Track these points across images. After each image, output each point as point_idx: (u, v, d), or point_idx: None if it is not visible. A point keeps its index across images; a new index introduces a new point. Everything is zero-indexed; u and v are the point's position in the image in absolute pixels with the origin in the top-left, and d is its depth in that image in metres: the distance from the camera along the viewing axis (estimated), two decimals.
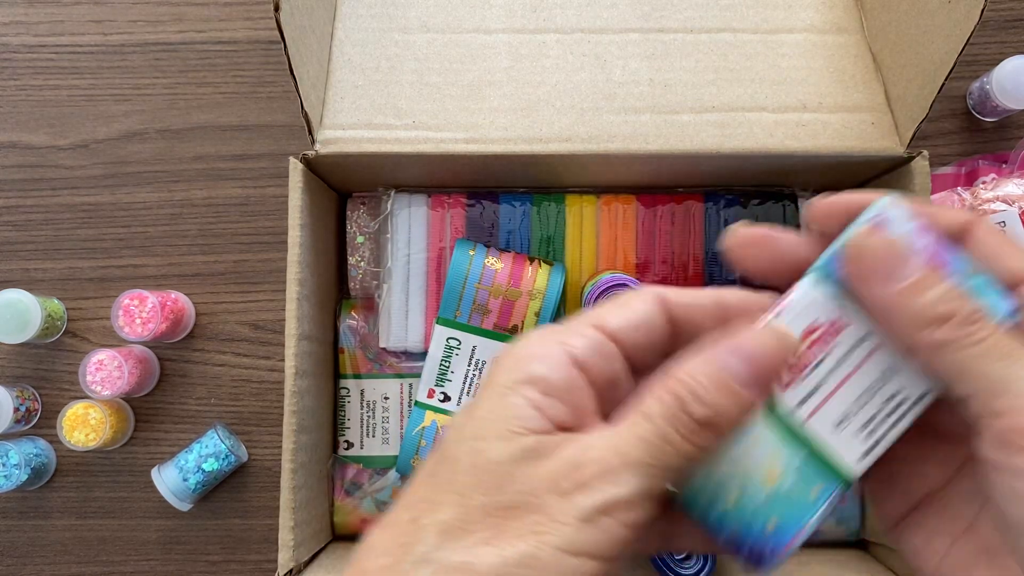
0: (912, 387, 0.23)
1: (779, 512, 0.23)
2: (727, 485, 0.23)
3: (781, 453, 0.23)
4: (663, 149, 0.45)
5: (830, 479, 0.23)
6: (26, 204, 0.60)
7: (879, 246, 0.22)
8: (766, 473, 0.23)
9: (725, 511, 0.23)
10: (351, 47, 0.48)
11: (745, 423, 0.22)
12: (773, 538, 0.22)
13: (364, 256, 0.53)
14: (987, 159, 0.57)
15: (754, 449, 0.23)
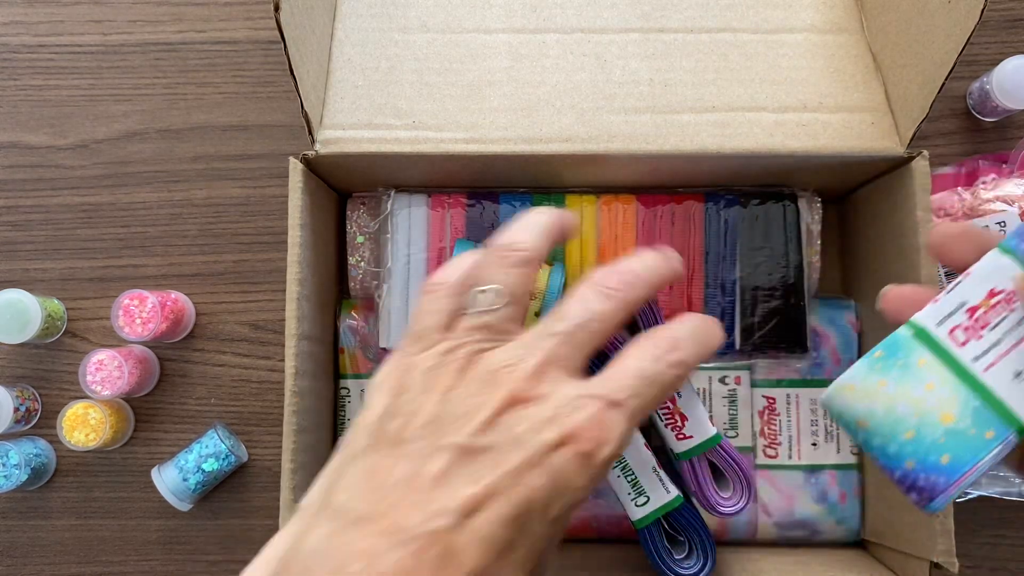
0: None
1: (953, 448, 0.25)
2: (906, 421, 0.25)
3: (959, 396, 0.26)
4: (663, 149, 0.45)
5: (1005, 424, 0.25)
6: (26, 204, 0.60)
7: None
8: (944, 412, 0.25)
9: (902, 445, 0.25)
10: (351, 47, 0.48)
11: (926, 367, 0.26)
12: (947, 472, 0.25)
13: (364, 256, 0.53)
14: (987, 159, 0.57)
15: (934, 391, 0.26)
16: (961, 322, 0.27)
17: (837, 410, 0.27)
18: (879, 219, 0.49)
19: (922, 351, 0.26)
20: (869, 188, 0.51)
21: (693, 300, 0.51)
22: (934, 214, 0.52)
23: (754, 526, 0.51)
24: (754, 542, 0.52)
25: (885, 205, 0.48)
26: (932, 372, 0.26)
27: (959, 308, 0.27)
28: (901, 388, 0.26)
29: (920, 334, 0.27)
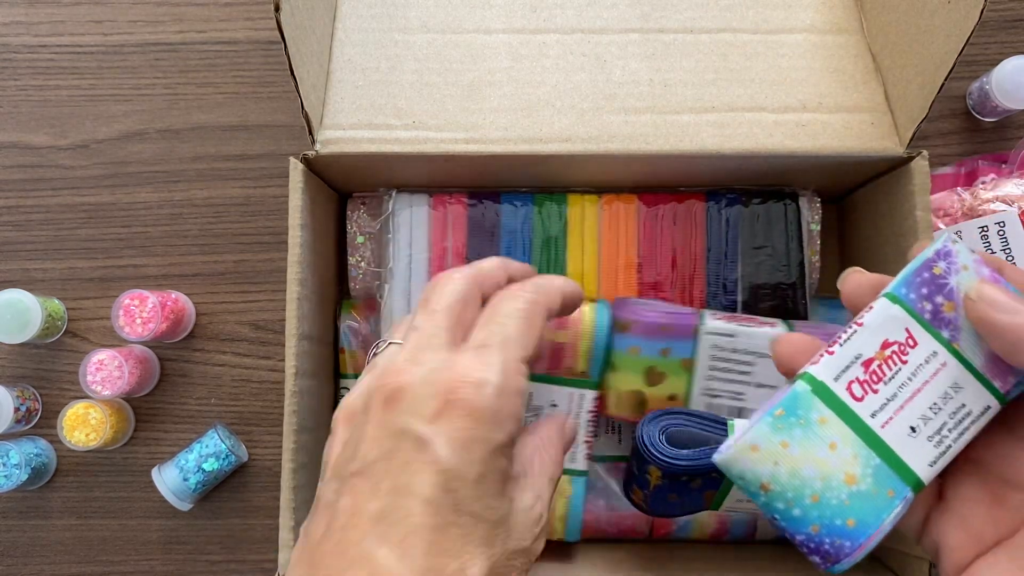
0: (976, 402, 0.26)
1: (858, 511, 0.25)
2: (811, 484, 0.25)
3: (860, 454, 0.25)
4: (663, 149, 0.45)
5: (904, 482, 0.25)
6: (26, 204, 0.60)
7: (1000, 290, 0.25)
8: (847, 473, 0.25)
9: (807, 509, 0.25)
10: (351, 47, 0.48)
11: (827, 425, 0.26)
12: (852, 535, 0.25)
13: (365, 256, 0.53)
14: (987, 159, 0.57)
15: (836, 451, 0.25)
16: (857, 375, 0.26)
17: (738, 472, 0.26)
18: (878, 219, 0.49)
19: (822, 408, 0.26)
20: (868, 188, 0.51)
21: (694, 299, 0.51)
22: (933, 214, 0.52)
23: (754, 526, 0.51)
24: (753, 541, 0.52)
25: (884, 205, 0.48)
26: (833, 430, 0.26)
27: (855, 361, 0.26)
28: (804, 449, 0.25)
29: (819, 390, 0.26)
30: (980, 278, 0.26)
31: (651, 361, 0.46)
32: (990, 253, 0.51)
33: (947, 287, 0.26)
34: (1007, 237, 0.50)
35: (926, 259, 0.27)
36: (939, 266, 0.27)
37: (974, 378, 0.26)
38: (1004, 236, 0.50)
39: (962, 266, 0.26)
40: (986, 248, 0.51)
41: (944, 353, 0.26)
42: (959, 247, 0.27)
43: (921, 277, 0.27)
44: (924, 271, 0.27)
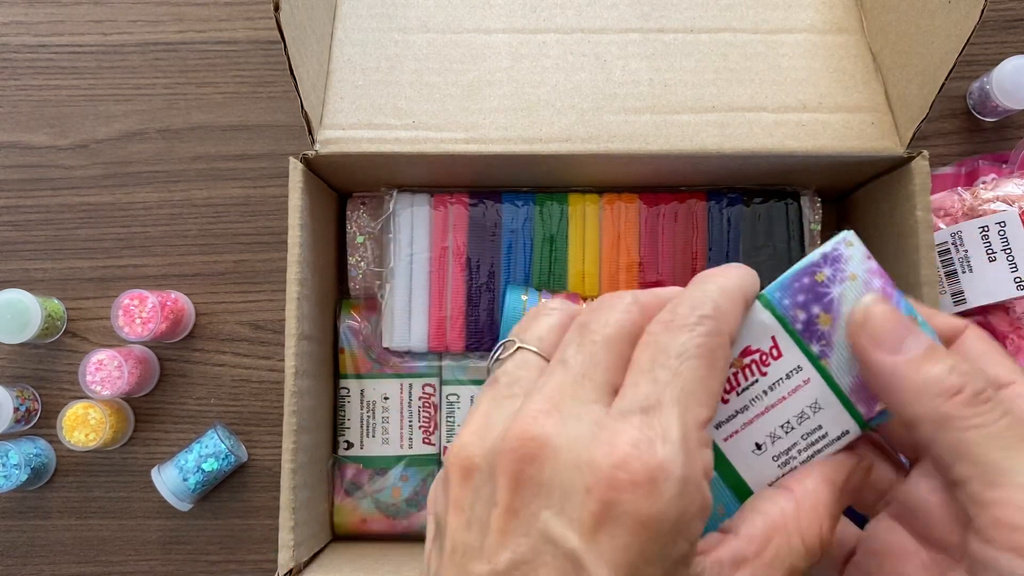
0: (834, 425, 0.23)
1: None
2: None
3: None
4: (663, 149, 0.45)
5: (738, 500, 0.23)
6: (26, 204, 0.60)
7: (887, 314, 0.22)
8: None
9: None
10: (351, 47, 0.48)
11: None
12: None
13: (365, 256, 0.53)
14: (987, 159, 0.57)
15: None
16: None
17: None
18: (879, 219, 0.49)
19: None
20: (869, 188, 0.51)
21: None
22: (934, 214, 0.52)
23: None
24: None
25: (885, 205, 0.48)
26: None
27: None
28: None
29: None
30: (871, 294, 0.23)
31: None
32: (990, 253, 0.51)
33: (827, 297, 0.23)
34: (1007, 237, 0.50)
35: (811, 263, 0.24)
36: (823, 272, 0.24)
37: (837, 400, 0.23)
38: (1004, 236, 0.50)
39: (850, 275, 0.23)
40: (987, 247, 0.51)
41: (809, 369, 0.23)
42: (852, 252, 0.23)
43: (800, 283, 0.24)
44: (805, 276, 0.24)
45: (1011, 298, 0.50)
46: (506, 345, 0.23)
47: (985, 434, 0.20)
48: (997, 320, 0.52)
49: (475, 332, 0.51)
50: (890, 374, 0.22)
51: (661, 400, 0.20)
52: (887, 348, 0.22)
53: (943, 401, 0.21)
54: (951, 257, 0.52)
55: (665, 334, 0.21)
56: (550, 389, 0.20)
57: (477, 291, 0.51)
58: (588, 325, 0.22)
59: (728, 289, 0.22)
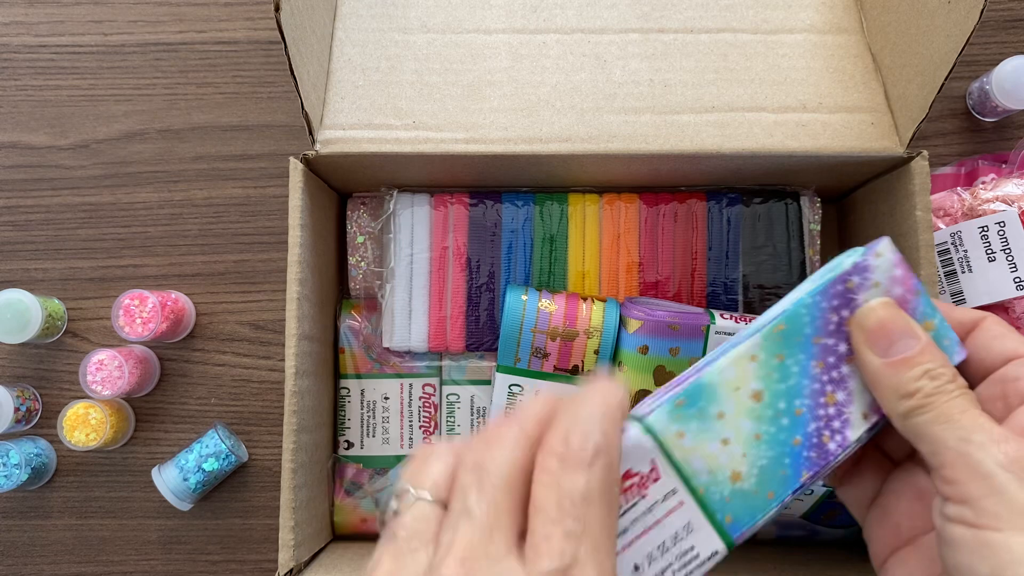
0: (705, 546, 0.25)
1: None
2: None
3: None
4: (663, 149, 0.45)
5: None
6: (26, 204, 0.60)
7: (885, 317, 0.25)
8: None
9: None
10: (351, 47, 0.48)
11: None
12: None
13: (365, 256, 0.53)
14: (987, 159, 0.57)
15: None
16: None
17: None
18: (878, 219, 0.49)
19: (723, 403, 0.25)
20: (868, 188, 0.51)
21: (695, 298, 0.51)
22: (934, 214, 0.52)
23: None
24: (753, 541, 0.52)
25: (884, 205, 0.48)
26: (729, 427, 0.25)
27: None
28: (697, 442, 0.25)
29: (724, 384, 0.26)
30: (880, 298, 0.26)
31: (660, 360, 0.46)
32: (990, 253, 0.51)
33: (855, 303, 0.26)
34: (1007, 237, 0.50)
35: (844, 271, 0.26)
36: (853, 280, 0.26)
37: (708, 522, 0.25)
38: (1004, 236, 0.50)
39: (874, 283, 0.26)
40: (986, 247, 0.51)
41: (683, 492, 0.25)
42: (880, 262, 0.26)
43: (836, 289, 0.26)
44: (839, 283, 0.26)
45: (1011, 298, 0.50)
46: (399, 496, 0.22)
47: (929, 416, 0.24)
48: None
49: (475, 332, 0.51)
50: (873, 373, 0.25)
51: (577, 557, 0.19)
52: (878, 348, 0.25)
53: (906, 400, 0.24)
54: (951, 257, 0.52)
55: (564, 474, 0.20)
56: (460, 547, 0.20)
57: (477, 291, 0.51)
58: (483, 466, 0.21)
59: (611, 414, 0.22)
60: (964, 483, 0.22)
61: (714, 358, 0.26)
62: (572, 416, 0.22)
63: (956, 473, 0.22)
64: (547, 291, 0.49)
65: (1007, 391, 0.26)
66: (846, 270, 0.26)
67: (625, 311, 0.48)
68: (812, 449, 0.26)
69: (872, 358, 0.25)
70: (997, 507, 0.21)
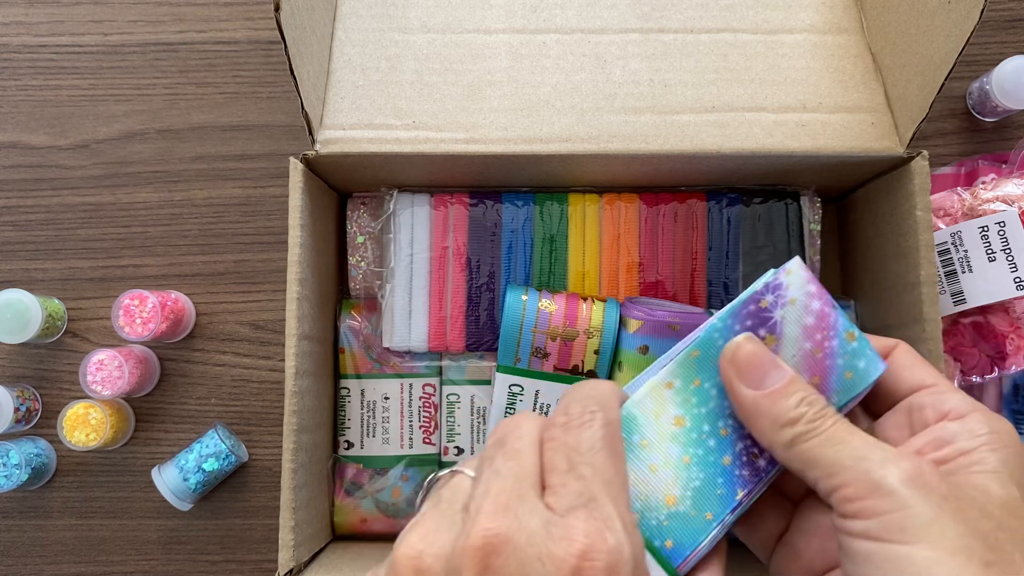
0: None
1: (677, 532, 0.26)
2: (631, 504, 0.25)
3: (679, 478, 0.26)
4: (663, 149, 0.45)
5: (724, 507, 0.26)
6: (26, 204, 0.60)
7: (752, 352, 0.26)
8: (668, 494, 0.26)
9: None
10: (351, 47, 0.48)
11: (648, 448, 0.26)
12: (671, 556, 0.25)
13: (365, 256, 0.53)
14: (987, 159, 0.57)
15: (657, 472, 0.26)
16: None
17: None
18: (879, 219, 0.49)
19: (645, 431, 0.26)
20: (869, 188, 0.51)
21: (696, 298, 0.51)
22: (934, 214, 0.52)
23: None
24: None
25: (885, 205, 0.48)
26: (655, 453, 0.26)
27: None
28: (627, 469, 0.25)
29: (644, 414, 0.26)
30: (744, 334, 0.26)
31: None
32: (990, 253, 0.51)
33: (770, 321, 0.27)
34: (1007, 237, 0.50)
35: (755, 291, 0.27)
36: (766, 299, 0.27)
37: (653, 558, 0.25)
38: (1004, 236, 0.50)
39: (790, 299, 0.26)
40: (987, 247, 0.51)
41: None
42: (791, 279, 0.27)
43: (747, 309, 0.27)
44: (751, 303, 0.27)
45: (1011, 298, 0.50)
46: (446, 476, 0.25)
47: (819, 440, 0.24)
48: (997, 320, 0.52)
49: (475, 332, 0.51)
50: (751, 406, 0.25)
51: (595, 494, 0.22)
52: (751, 382, 0.26)
53: (790, 428, 0.25)
54: (951, 257, 0.52)
55: (569, 435, 0.24)
56: (495, 493, 0.22)
57: (477, 291, 0.51)
58: (504, 440, 0.24)
59: (603, 387, 0.25)
60: (867, 499, 0.23)
61: (631, 388, 0.27)
62: (570, 395, 0.25)
63: (857, 491, 0.23)
64: (547, 291, 0.49)
65: (912, 419, 0.27)
66: (757, 290, 0.27)
67: (625, 311, 0.48)
68: (743, 467, 0.26)
69: (747, 391, 0.26)
70: (903, 521, 0.22)
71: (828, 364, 0.26)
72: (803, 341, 0.26)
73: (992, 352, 0.52)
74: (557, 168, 0.48)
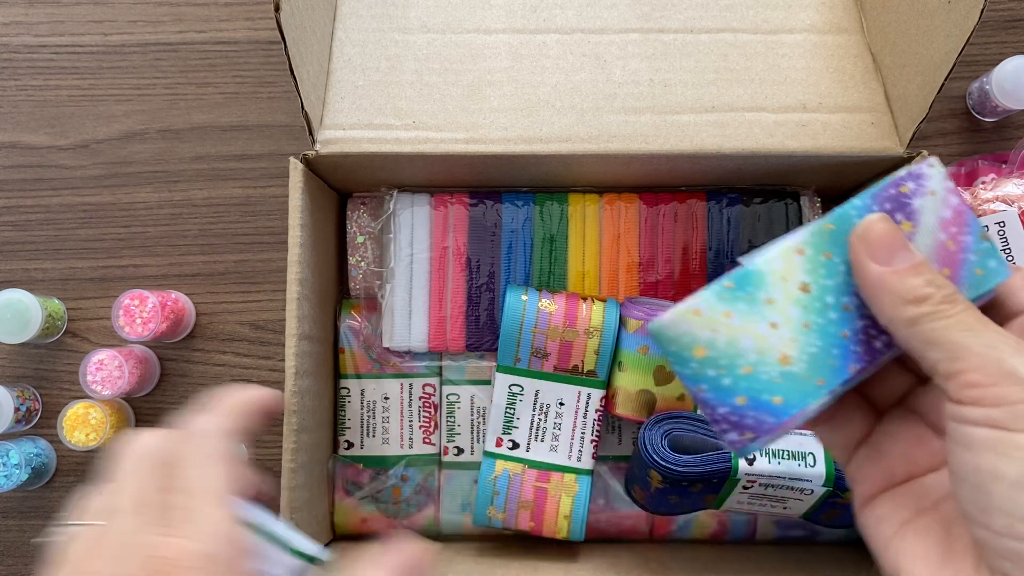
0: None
1: (787, 390, 0.25)
2: (745, 356, 0.25)
3: (798, 341, 0.26)
4: (663, 149, 0.45)
5: (835, 376, 0.26)
6: (26, 204, 0.60)
7: (885, 230, 0.25)
8: (782, 354, 0.26)
9: (737, 380, 0.25)
10: (351, 47, 0.48)
11: (773, 306, 0.26)
12: (776, 411, 0.25)
13: (365, 256, 0.53)
14: (987, 159, 0.57)
15: (777, 331, 0.26)
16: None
17: (675, 334, 0.26)
18: None
19: (772, 290, 0.26)
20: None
21: None
22: None
23: (753, 526, 0.51)
24: (753, 541, 0.52)
25: None
26: (778, 312, 0.26)
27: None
28: (746, 322, 0.25)
29: (773, 273, 0.26)
30: (879, 212, 0.26)
31: (660, 360, 0.46)
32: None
33: (909, 207, 0.27)
34: (1007, 237, 0.50)
35: (898, 176, 0.27)
36: (907, 185, 0.27)
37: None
38: (1004, 236, 0.50)
39: (930, 191, 0.27)
40: None
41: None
42: (934, 172, 0.27)
43: (887, 193, 0.27)
44: (892, 187, 0.27)
45: None
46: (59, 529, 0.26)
47: (947, 323, 0.24)
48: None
49: (475, 332, 0.51)
50: (877, 281, 0.25)
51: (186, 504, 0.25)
52: (879, 258, 0.25)
53: (915, 306, 0.24)
54: None
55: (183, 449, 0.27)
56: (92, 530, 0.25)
57: (477, 291, 0.51)
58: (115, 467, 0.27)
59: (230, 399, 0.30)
60: (995, 387, 0.22)
61: (760, 252, 0.27)
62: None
63: (985, 377, 0.22)
64: (547, 291, 0.49)
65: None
66: (900, 176, 0.27)
67: (625, 311, 0.48)
68: (859, 345, 0.26)
69: (874, 267, 0.25)
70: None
71: (961, 257, 0.26)
72: (938, 232, 0.26)
73: None
74: (557, 168, 0.48)
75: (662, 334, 0.26)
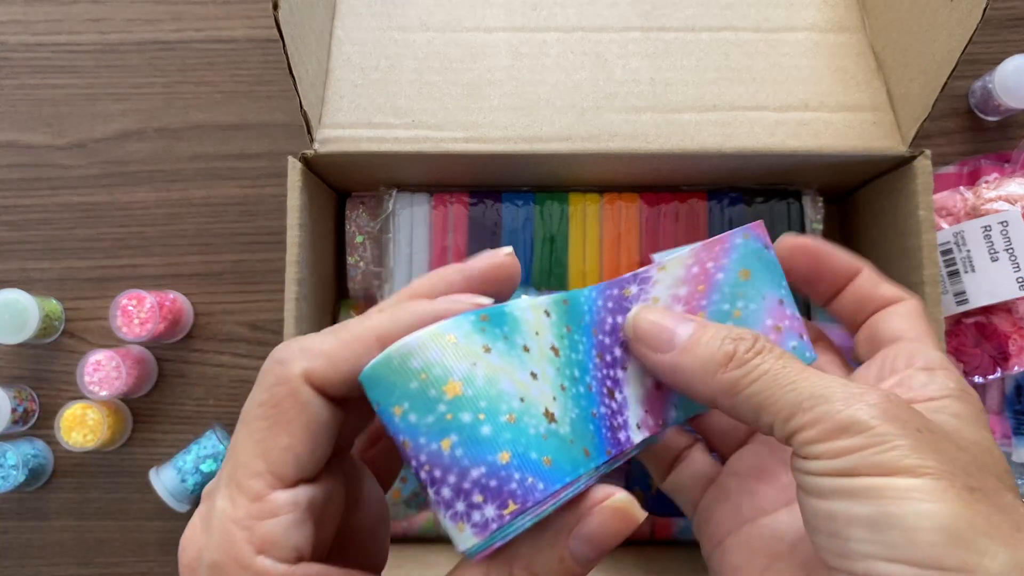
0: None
1: (555, 451, 0.21)
2: (507, 400, 0.21)
3: (558, 400, 0.23)
4: (664, 148, 0.45)
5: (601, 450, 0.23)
6: (24, 204, 0.60)
7: (652, 319, 0.24)
8: (546, 409, 0.22)
9: (500, 429, 0.20)
10: (351, 46, 0.48)
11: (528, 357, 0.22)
12: (548, 476, 0.20)
13: (364, 256, 0.53)
14: (989, 158, 0.57)
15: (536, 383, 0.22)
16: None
17: (422, 364, 0.19)
18: (881, 219, 0.49)
19: (527, 339, 0.22)
20: (871, 187, 0.51)
21: None
22: (936, 214, 0.52)
23: None
24: None
25: (887, 204, 0.48)
26: (535, 364, 0.21)
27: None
28: (506, 362, 0.20)
29: (526, 323, 0.22)
30: (640, 304, 0.25)
31: None
32: (992, 253, 0.50)
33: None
34: (1010, 236, 0.50)
35: (623, 278, 0.25)
36: (630, 289, 0.25)
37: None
38: (1007, 235, 0.50)
39: (653, 298, 0.25)
40: (989, 247, 0.50)
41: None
42: (663, 276, 0.25)
43: (611, 292, 0.25)
44: (616, 287, 0.25)
45: (1014, 298, 0.50)
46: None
47: (765, 381, 0.22)
48: (999, 320, 0.52)
49: None
50: (674, 367, 0.24)
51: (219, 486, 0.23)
52: (661, 348, 0.24)
53: (725, 370, 0.23)
54: (953, 257, 0.51)
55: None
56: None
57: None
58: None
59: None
60: (836, 440, 0.21)
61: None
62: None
63: (821, 434, 0.21)
64: (547, 291, 0.48)
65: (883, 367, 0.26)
66: (625, 277, 0.25)
67: None
68: (608, 430, 0.23)
69: (663, 357, 0.24)
70: (878, 456, 0.20)
71: (713, 279, 0.25)
72: (677, 287, 0.25)
73: (995, 352, 0.52)
74: (557, 167, 0.48)
75: (403, 366, 0.20)
